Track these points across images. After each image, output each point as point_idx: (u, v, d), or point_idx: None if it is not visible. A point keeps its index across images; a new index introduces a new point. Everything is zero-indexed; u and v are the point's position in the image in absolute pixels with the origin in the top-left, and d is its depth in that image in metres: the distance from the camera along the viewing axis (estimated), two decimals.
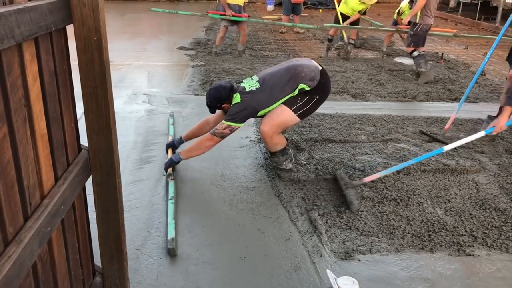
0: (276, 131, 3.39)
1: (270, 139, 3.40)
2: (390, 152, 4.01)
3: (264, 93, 3.32)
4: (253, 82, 3.41)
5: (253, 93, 3.33)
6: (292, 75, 3.33)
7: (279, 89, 3.32)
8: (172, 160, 3.49)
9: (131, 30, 10.62)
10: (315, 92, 3.37)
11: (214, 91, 3.41)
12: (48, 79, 1.51)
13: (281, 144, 3.47)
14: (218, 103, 3.41)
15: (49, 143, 1.54)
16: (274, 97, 3.33)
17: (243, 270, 2.50)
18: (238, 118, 3.30)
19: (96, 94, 1.73)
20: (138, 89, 5.90)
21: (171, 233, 2.72)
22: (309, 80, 3.32)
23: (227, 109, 3.42)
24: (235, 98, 3.35)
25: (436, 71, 7.22)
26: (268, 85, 3.33)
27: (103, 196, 1.90)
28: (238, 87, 3.42)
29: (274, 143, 3.43)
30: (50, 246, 1.54)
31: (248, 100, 3.31)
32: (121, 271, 2.06)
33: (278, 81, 3.33)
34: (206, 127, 3.66)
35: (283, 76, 3.35)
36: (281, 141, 3.47)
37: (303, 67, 3.37)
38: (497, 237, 2.83)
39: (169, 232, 2.74)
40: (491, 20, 12.91)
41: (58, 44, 1.59)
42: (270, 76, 3.39)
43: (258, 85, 3.36)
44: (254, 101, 3.32)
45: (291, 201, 3.20)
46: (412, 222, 2.95)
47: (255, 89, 3.34)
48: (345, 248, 2.69)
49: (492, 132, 3.33)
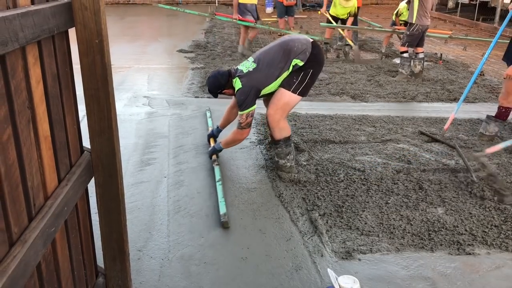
0: (282, 114, 3.52)
1: (277, 123, 3.51)
2: (389, 152, 4.03)
3: (261, 72, 3.43)
4: (249, 63, 3.52)
5: (250, 74, 3.44)
6: (285, 50, 3.44)
7: (275, 65, 3.43)
8: (215, 148, 3.79)
9: (131, 33, 10.66)
10: (309, 66, 3.46)
11: (213, 79, 3.56)
12: (51, 82, 1.53)
13: (286, 131, 3.56)
14: (219, 90, 3.56)
15: (52, 145, 1.56)
16: (272, 74, 3.44)
17: (244, 270, 2.52)
18: (249, 103, 3.42)
19: (98, 96, 1.75)
20: (139, 92, 5.92)
21: (222, 209, 2.98)
22: (301, 54, 3.42)
23: (230, 93, 3.60)
24: (235, 83, 3.47)
25: (435, 72, 7.25)
26: (264, 63, 3.45)
27: (105, 197, 1.92)
28: (236, 71, 3.53)
29: (281, 127, 3.53)
30: (54, 246, 1.56)
31: (248, 82, 3.42)
32: (124, 271, 2.08)
33: (272, 59, 3.45)
34: (232, 111, 3.92)
35: (277, 52, 3.46)
36: (287, 127, 3.58)
37: (294, 41, 3.49)
38: (497, 235, 2.85)
39: (221, 208, 3.00)
40: (490, 21, 12.94)
41: (61, 47, 1.61)
42: (264, 55, 3.50)
43: (254, 65, 3.47)
44: (254, 81, 3.42)
45: (292, 201, 3.22)
46: (412, 222, 2.97)
47: (252, 69, 3.45)
48: (346, 247, 2.71)
49: None
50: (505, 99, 4.31)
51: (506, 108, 4.32)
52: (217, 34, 10.77)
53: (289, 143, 3.58)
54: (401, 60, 6.81)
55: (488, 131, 4.36)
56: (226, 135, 3.78)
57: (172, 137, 4.41)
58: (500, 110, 4.36)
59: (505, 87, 4.30)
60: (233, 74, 3.52)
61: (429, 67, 7.56)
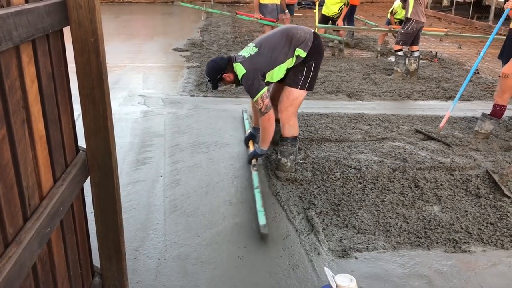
0: (293, 111, 3.52)
1: (288, 120, 3.52)
2: (385, 150, 4.04)
3: (263, 56, 3.40)
4: (250, 48, 3.48)
5: (253, 57, 3.40)
6: (287, 36, 3.42)
7: (279, 50, 3.40)
8: (256, 152, 3.66)
9: (126, 32, 10.62)
10: (311, 58, 3.44)
11: (212, 63, 3.49)
12: (45, 81, 1.52)
13: (295, 129, 3.56)
14: (219, 74, 3.46)
15: (48, 145, 1.55)
16: (276, 59, 3.40)
17: (241, 269, 2.51)
18: (257, 86, 3.35)
19: (93, 95, 1.74)
20: (134, 91, 5.90)
21: (262, 220, 2.84)
22: (303, 43, 3.40)
23: (230, 80, 3.50)
24: (237, 68, 3.41)
25: (430, 70, 7.27)
26: (266, 48, 3.42)
27: (101, 197, 1.91)
28: (237, 57, 3.48)
29: (291, 124, 3.53)
30: (49, 247, 1.55)
31: (251, 65, 3.36)
32: (120, 271, 2.07)
33: (275, 44, 3.42)
34: None
35: (279, 39, 3.44)
36: (296, 126, 3.58)
37: (297, 29, 3.48)
38: (492, 233, 2.86)
39: (260, 219, 2.86)
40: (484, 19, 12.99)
41: (55, 46, 1.60)
42: (266, 41, 3.47)
43: (256, 49, 3.44)
44: (257, 64, 3.38)
45: (288, 200, 3.22)
46: (408, 220, 2.97)
47: (254, 54, 3.41)
48: (342, 246, 2.71)
49: None
50: (500, 97, 4.32)
51: (501, 106, 4.34)
52: (212, 33, 10.75)
53: (294, 143, 3.56)
54: (396, 58, 6.83)
55: (483, 129, 4.38)
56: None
57: (168, 136, 4.39)
58: (495, 108, 4.37)
59: (500, 85, 4.31)
60: (235, 59, 3.46)
61: (424, 65, 7.58)
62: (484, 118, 4.38)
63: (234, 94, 5.80)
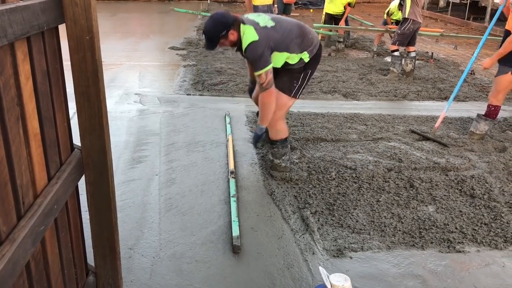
0: (280, 115, 3.43)
1: (274, 124, 3.43)
2: (381, 150, 4.04)
3: (278, 34, 3.18)
4: (266, 19, 3.23)
5: (268, 29, 3.15)
6: (301, 31, 3.30)
7: (291, 38, 3.24)
8: (256, 134, 3.42)
9: (122, 30, 10.58)
10: (310, 66, 3.39)
11: (219, 16, 3.14)
12: (40, 79, 1.51)
13: (283, 133, 3.49)
14: (225, 30, 3.08)
15: (42, 143, 1.54)
16: (287, 44, 3.23)
17: (236, 268, 2.51)
18: (267, 59, 3.11)
19: (88, 93, 1.73)
20: (130, 89, 5.89)
21: (235, 231, 2.77)
22: (310, 47, 3.31)
23: (233, 40, 3.16)
24: (246, 31, 3.10)
25: (426, 71, 7.29)
26: (283, 28, 3.22)
27: (96, 195, 1.91)
28: (247, 20, 3.19)
29: (278, 129, 3.46)
30: (43, 245, 1.55)
31: (266, 36, 3.11)
32: (115, 270, 2.07)
33: (290, 30, 3.25)
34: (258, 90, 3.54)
35: (295, 28, 3.30)
36: (283, 129, 3.50)
37: (309, 29, 3.39)
38: (487, 233, 2.87)
39: (234, 230, 2.78)
40: (480, 20, 13.04)
41: (51, 43, 1.59)
42: (284, 21, 3.29)
43: (272, 23, 3.20)
44: (271, 39, 3.14)
45: (284, 199, 3.22)
46: (403, 220, 2.98)
47: (270, 27, 3.17)
48: (337, 245, 2.71)
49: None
50: (494, 97, 4.34)
51: (495, 107, 4.36)
52: None
53: (285, 144, 3.53)
54: (393, 58, 6.85)
55: (479, 130, 4.40)
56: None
57: (164, 134, 4.39)
58: (489, 108, 4.39)
59: (495, 85, 4.33)
60: (244, 21, 3.15)
61: (420, 65, 7.60)
62: (479, 119, 4.40)
63: (230, 94, 5.79)
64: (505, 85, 4.23)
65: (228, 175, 3.50)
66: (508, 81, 4.19)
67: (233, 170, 3.55)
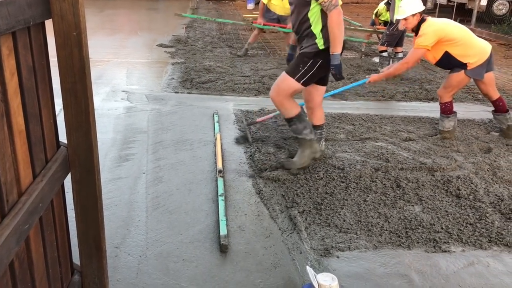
0: (285, 96, 3.44)
1: (281, 105, 3.47)
2: (368, 150, 4.07)
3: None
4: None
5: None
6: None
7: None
8: (337, 64, 3.39)
9: (110, 27, 10.49)
10: (322, 56, 3.35)
11: None
12: (26, 74, 1.48)
13: (294, 110, 3.50)
14: None
15: (27, 140, 1.51)
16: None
17: (223, 267, 2.50)
18: None
19: (75, 90, 1.71)
20: (117, 86, 5.84)
21: (223, 230, 2.76)
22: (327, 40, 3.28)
23: None
24: None
25: (413, 71, 7.34)
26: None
27: (82, 194, 1.88)
28: None
29: (286, 108, 3.48)
30: (27, 244, 1.52)
31: None
32: (100, 269, 2.04)
33: None
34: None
35: None
36: (293, 106, 3.50)
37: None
38: (472, 233, 2.90)
39: (221, 229, 2.77)
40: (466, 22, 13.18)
41: (37, 39, 1.57)
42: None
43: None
44: None
45: (271, 198, 3.22)
46: (390, 219, 3.00)
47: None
48: (324, 245, 2.72)
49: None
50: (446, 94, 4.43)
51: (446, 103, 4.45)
52: (198, 29, 10.69)
53: (302, 118, 3.53)
54: (381, 59, 6.90)
55: (446, 127, 4.48)
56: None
57: (151, 132, 4.36)
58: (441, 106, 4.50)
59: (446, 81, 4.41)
60: None
61: None
62: (442, 117, 4.48)
63: (219, 92, 5.78)
64: (456, 82, 4.33)
65: (216, 174, 3.49)
66: (458, 79, 4.29)
67: (221, 169, 3.54)
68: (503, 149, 4.27)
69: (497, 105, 4.55)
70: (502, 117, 4.55)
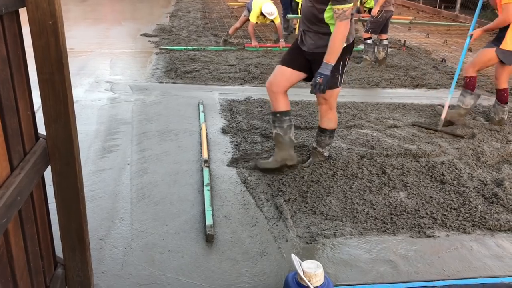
0: (333, 105, 3.42)
1: (326, 113, 3.43)
2: (353, 138, 4.08)
3: None
4: None
5: None
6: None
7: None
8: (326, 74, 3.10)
9: (92, 16, 10.31)
10: (347, 53, 3.27)
11: None
12: (0, 65, 1.44)
13: (334, 122, 3.49)
14: None
15: (3, 132, 1.48)
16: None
17: (209, 257, 2.50)
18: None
19: (53, 81, 1.67)
20: (100, 77, 5.76)
21: (209, 220, 2.75)
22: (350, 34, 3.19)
23: None
24: None
25: (398, 58, 7.37)
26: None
27: (63, 186, 1.85)
28: None
29: (330, 117, 3.46)
30: (6, 238, 1.49)
31: None
32: (84, 262, 2.02)
33: None
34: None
35: None
36: (334, 119, 3.49)
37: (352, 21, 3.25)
38: (455, 218, 2.93)
39: (207, 219, 2.76)
40: (451, 9, 13.26)
41: (10, 28, 1.52)
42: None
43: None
44: None
45: (257, 187, 3.22)
46: (375, 206, 3.02)
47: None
48: (310, 232, 2.73)
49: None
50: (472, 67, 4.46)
51: (471, 78, 4.47)
52: (182, 18, 10.58)
53: (333, 135, 3.53)
54: (365, 46, 6.90)
55: (464, 104, 4.50)
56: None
57: (136, 123, 4.31)
58: (465, 80, 4.52)
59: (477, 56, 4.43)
60: None
61: (392, 53, 7.68)
62: (464, 93, 4.51)
63: (204, 81, 5.73)
64: (486, 59, 4.35)
65: (202, 164, 3.47)
66: (488, 57, 4.32)
67: (207, 159, 3.52)
68: (487, 134, 4.32)
69: (501, 94, 4.58)
70: (500, 108, 4.58)
